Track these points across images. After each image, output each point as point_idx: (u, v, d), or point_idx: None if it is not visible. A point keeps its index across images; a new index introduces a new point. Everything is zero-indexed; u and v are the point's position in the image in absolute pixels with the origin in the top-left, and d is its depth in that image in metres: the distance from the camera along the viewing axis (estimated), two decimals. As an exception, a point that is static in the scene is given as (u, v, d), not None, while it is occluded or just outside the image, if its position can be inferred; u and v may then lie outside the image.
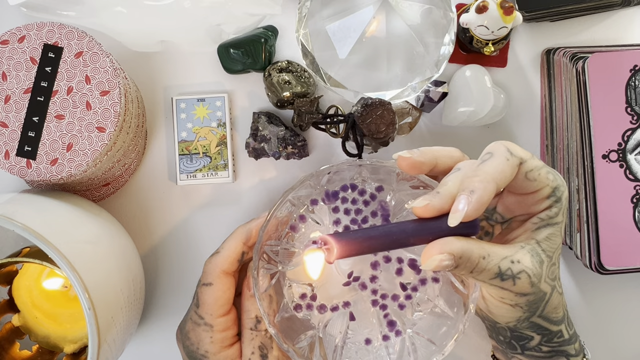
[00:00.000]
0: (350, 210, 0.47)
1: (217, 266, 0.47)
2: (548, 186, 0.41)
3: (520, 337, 0.45)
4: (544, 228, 0.41)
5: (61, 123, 0.48)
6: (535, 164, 0.40)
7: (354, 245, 0.38)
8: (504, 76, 0.59)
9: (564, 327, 0.44)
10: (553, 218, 0.41)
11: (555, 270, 0.42)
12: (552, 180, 0.41)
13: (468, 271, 0.38)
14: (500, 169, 0.38)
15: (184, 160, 0.57)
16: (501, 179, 0.38)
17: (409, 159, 0.41)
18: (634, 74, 0.52)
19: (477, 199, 0.37)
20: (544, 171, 0.41)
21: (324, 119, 0.54)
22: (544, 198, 0.41)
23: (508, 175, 0.39)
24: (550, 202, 0.41)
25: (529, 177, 0.40)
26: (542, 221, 0.41)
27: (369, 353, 0.47)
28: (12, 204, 0.46)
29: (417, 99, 0.57)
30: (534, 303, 0.41)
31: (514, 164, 0.39)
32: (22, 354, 0.55)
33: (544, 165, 0.41)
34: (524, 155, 0.40)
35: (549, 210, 0.41)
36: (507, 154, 0.39)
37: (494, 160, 0.39)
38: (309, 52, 0.53)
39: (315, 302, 0.47)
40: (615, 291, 0.59)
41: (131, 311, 0.50)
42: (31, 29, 0.49)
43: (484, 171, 0.38)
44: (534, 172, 0.40)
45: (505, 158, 0.39)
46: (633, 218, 0.52)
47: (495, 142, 0.41)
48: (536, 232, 0.41)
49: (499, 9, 0.51)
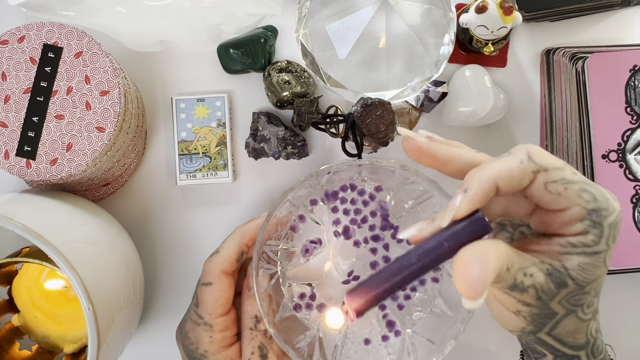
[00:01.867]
0: (350, 210, 0.47)
1: (217, 266, 0.47)
2: (580, 206, 0.35)
3: (532, 350, 0.41)
4: (576, 256, 0.35)
5: (61, 123, 0.48)
6: (562, 176, 0.35)
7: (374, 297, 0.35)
8: (504, 76, 0.59)
9: (583, 354, 0.40)
10: (590, 247, 0.35)
11: (583, 298, 0.36)
12: (588, 201, 0.35)
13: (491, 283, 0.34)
14: (507, 168, 0.34)
15: (183, 160, 0.57)
16: (505, 179, 0.34)
17: (411, 142, 0.37)
18: (633, 74, 0.52)
19: (469, 197, 0.34)
20: (576, 187, 0.35)
21: (324, 119, 0.54)
22: (575, 220, 0.35)
23: (516, 178, 0.35)
24: (584, 226, 0.35)
25: (550, 189, 0.35)
26: (574, 247, 0.35)
27: (369, 353, 0.47)
28: (12, 204, 0.46)
29: (417, 99, 0.56)
30: (538, 317, 0.37)
31: (527, 169, 0.35)
32: (21, 354, 0.55)
33: (580, 181, 0.35)
34: (548, 164, 0.35)
35: (584, 237, 0.35)
36: (524, 156, 0.35)
37: (505, 160, 0.35)
38: (309, 52, 0.53)
39: (315, 302, 0.47)
40: (615, 291, 0.59)
41: (131, 311, 0.50)
42: (31, 29, 0.49)
43: (487, 167, 0.35)
44: (558, 184, 0.35)
45: (519, 160, 0.35)
46: (633, 218, 0.52)
47: (521, 145, 0.36)
48: (565, 257, 0.35)
49: (498, 9, 0.51)
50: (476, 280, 0.32)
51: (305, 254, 0.47)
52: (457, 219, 0.34)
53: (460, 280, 0.33)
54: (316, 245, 0.47)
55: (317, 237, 0.47)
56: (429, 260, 0.35)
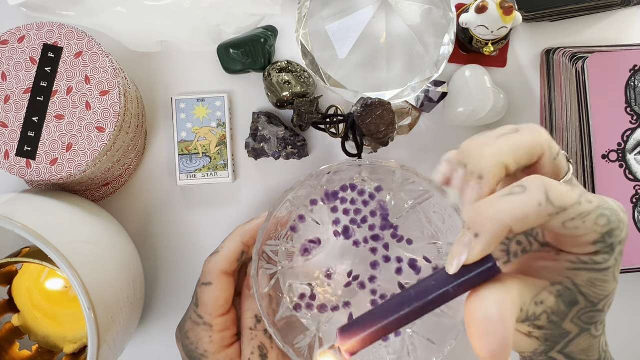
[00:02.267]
0: (350, 210, 0.47)
1: (217, 266, 0.47)
2: (595, 232, 0.33)
3: None
4: (586, 272, 0.34)
5: (61, 123, 0.48)
6: (582, 211, 0.32)
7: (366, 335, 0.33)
8: (504, 76, 0.59)
9: None
10: (600, 264, 0.33)
11: (595, 316, 0.35)
12: (604, 225, 0.33)
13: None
14: (524, 212, 0.31)
15: (183, 160, 0.57)
16: (520, 225, 0.31)
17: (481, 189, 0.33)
18: (633, 74, 0.52)
19: (483, 245, 0.31)
20: (593, 217, 0.32)
21: (324, 119, 0.54)
22: (589, 244, 0.33)
23: (531, 222, 0.31)
24: (597, 248, 0.33)
25: (568, 226, 0.32)
26: (585, 264, 0.34)
27: (369, 353, 0.47)
28: (12, 204, 0.46)
29: (417, 99, 0.57)
30: (551, 337, 0.35)
31: (545, 212, 0.31)
32: (21, 354, 0.55)
33: (595, 208, 0.32)
34: (567, 203, 0.31)
35: (595, 256, 0.33)
36: (542, 197, 0.31)
37: (520, 200, 0.31)
38: (309, 52, 0.53)
39: (315, 302, 0.47)
40: (616, 291, 0.59)
41: (131, 311, 0.50)
42: (31, 29, 0.49)
43: (501, 210, 0.31)
44: (576, 221, 0.32)
45: (537, 203, 0.31)
46: (633, 218, 0.52)
47: (535, 177, 0.32)
48: (574, 273, 0.34)
49: (498, 9, 0.51)
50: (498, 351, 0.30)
51: (305, 254, 0.47)
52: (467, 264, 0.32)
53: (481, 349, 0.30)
54: (315, 245, 0.47)
55: (317, 237, 0.47)
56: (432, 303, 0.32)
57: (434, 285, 0.32)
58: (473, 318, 0.31)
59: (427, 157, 0.59)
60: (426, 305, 0.32)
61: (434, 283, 0.32)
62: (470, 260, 0.31)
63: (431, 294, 0.32)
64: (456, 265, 0.32)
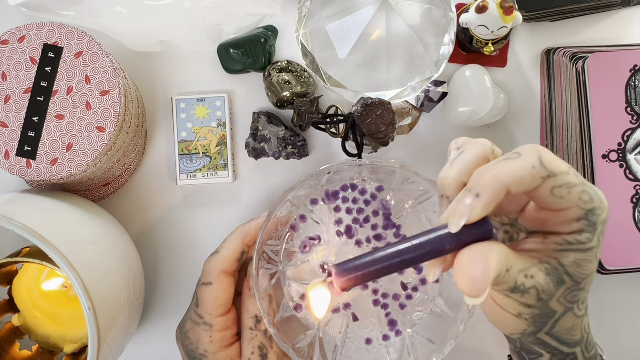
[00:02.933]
0: (352, 210, 0.47)
1: (217, 266, 0.47)
2: (578, 207, 0.35)
3: (529, 351, 0.42)
4: (572, 253, 0.36)
5: (61, 123, 0.48)
6: (567, 181, 0.35)
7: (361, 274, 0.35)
8: (504, 76, 0.59)
9: (579, 351, 0.41)
10: (584, 244, 0.36)
11: (579, 294, 0.37)
12: (587, 202, 0.35)
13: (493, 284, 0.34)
14: (520, 175, 0.34)
15: (184, 160, 0.57)
16: (516, 185, 0.34)
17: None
18: (634, 74, 0.52)
19: (482, 205, 0.33)
20: (577, 190, 0.35)
21: (324, 119, 0.54)
22: (573, 220, 0.36)
23: (526, 184, 0.34)
24: (581, 225, 0.36)
25: (555, 194, 0.35)
26: (571, 245, 0.36)
27: (369, 353, 0.47)
28: (12, 204, 0.46)
29: (417, 99, 0.57)
30: (539, 317, 0.37)
31: (539, 175, 0.34)
32: (22, 354, 0.55)
33: (580, 184, 0.35)
34: (557, 169, 0.35)
35: (579, 235, 0.36)
36: (537, 161, 0.34)
37: (516, 163, 0.34)
38: (309, 52, 0.53)
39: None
40: (615, 291, 0.59)
41: (131, 311, 0.49)
42: (31, 29, 0.49)
43: (499, 172, 0.34)
44: (563, 189, 0.35)
45: (532, 165, 0.34)
46: (633, 218, 0.52)
47: (530, 145, 0.35)
48: (561, 254, 0.36)
49: (499, 9, 0.51)
50: (479, 279, 0.33)
51: (304, 250, 0.47)
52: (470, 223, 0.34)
53: (463, 279, 0.33)
54: (314, 242, 0.47)
55: (317, 234, 0.47)
56: (427, 255, 0.35)
57: (432, 240, 0.34)
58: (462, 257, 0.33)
59: (427, 157, 0.59)
60: (422, 256, 0.34)
61: (433, 237, 0.34)
62: (472, 219, 0.33)
63: (429, 247, 0.34)
64: (457, 225, 0.34)
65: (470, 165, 0.36)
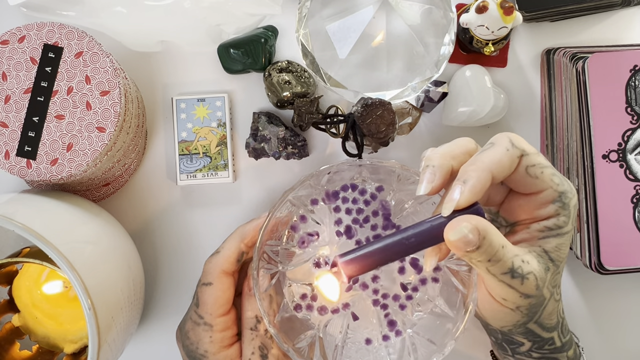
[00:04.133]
0: (352, 210, 0.47)
1: (217, 266, 0.47)
2: (552, 189, 0.39)
3: (510, 341, 0.44)
4: (553, 238, 0.39)
5: (61, 123, 0.48)
6: (539, 161, 0.39)
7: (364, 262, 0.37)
8: (504, 76, 0.59)
9: (556, 335, 0.44)
10: (562, 228, 0.39)
11: (558, 278, 0.40)
12: (558, 184, 0.39)
13: (488, 256, 0.37)
14: (498, 158, 0.38)
15: (184, 160, 0.57)
16: (498, 168, 0.37)
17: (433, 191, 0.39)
18: (634, 74, 0.52)
19: (469, 188, 0.36)
20: (549, 171, 0.39)
21: (324, 119, 0.54)
22: (549, 202, 0.39)
23: (506, 166, 0.38)
24: (556, 207, 0.39)
25: (530, 173, 0.39)
26: (551, 231, 0.39)
27: (369, 353, 0.47)
28: (12, 204, 0.46)
29: (417, 99, 0.57)
30: (534, 307, 0.40)
31: (514, 155, 0.38)
32: (22, 354, 0.55)
33: (550, 166, 0.40)
34: (527, 149, 0.39)
35: (556, 219, 0.39)
36: (509, 144, 0.38)
37: (492, 150, 0.38)
38: (309, 52, 0.53)
39: (316, 303, 0.47)
40: (615, 291, 0.59)
41: (131, 311, 0.49)
42: (31, 29, 0.49)
43: (480, 160, 0.38)
44: (537, 168, 0.39)
45: (505, 148, 0.38)
46: (633, 218, 0.52)
47: (499, 134, 0.40)
48: (544, 241, 0.39)
49: (499, 9, 0.51)
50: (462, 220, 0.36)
51: (302, 246, 0.47)
52: (459, 209, 0.37)
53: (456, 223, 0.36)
54: (313, 238, 0.47)
55: (315, 230, 0.47)
56: (426, 242, 0.37)
57: (428, 227, 0.37)
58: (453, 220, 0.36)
59: (427, 157, 0.59)
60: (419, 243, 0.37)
61: (429, 224, 0.37)
62: (462, 203, 0.37)
63: (425, 233, 0.37)
64: (449, 207, 0.37)
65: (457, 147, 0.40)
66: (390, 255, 0.37)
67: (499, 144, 0.38)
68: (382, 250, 0.37)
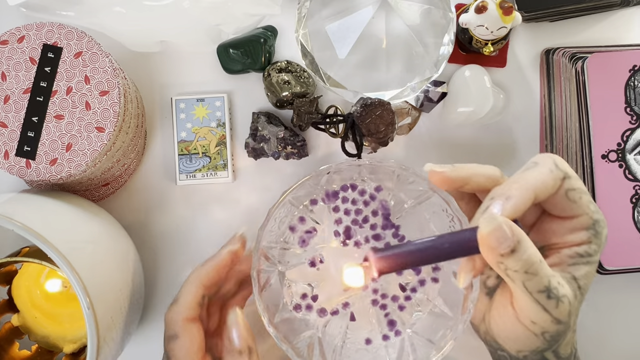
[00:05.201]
0: (351, 210, 0.47)
1: (179, 315, 0.45)
2: (588, 216, 0.38)
3: None
4: (583, 265, 0.38)
5: (60, 123, 0.48)
6: (579, 186, 0.38)
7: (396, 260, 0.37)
8: (504, 76, 0.59)
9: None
10: (592, 256, 0.38)
11: (579, 307, 0.39)
12: (594, 212, 0.39)
13: (525, 266, 0.35)
14: (542, 179, 0.37)
15: (183, 160, 0.57)
16: (541, 188, 0.37)
17: (440, 174, 0.39)
18: (633, 74, 0.52)
19: (512, 205, 0.36)
20: (586, 198, 0.38)
21: (324, 119, 0.54)
22: (583, 228, 0.38)
23: (549, 187, 0.37)
24: (589, 235, 0.38)
25: (570, 197, 0.38)
26: (582, 258, 0.38)
27: (369, 353, 0.47)
28: (12, 204, 0.46)
29: (417, 99, 0.57)
30: (558, 335, 0.38)
31: (558, 177, 0.37)
32: (21, 353, 0.55)
33: (587, 193, 0.39)
34: (570, 171, 0.38)
35: (588, 246, 0.38)
36: (553, 165, 0.38)
37: (537, 170, 0.37)
38: (309, 52, 0.53)
39: (316, 304, 0.47)
40: (615, 291, 0.59)
41: (131, 311, 0.49)
42: (31, 29, 0.49)
43: (524, 178, 0.37)
44: (576, 192, 0.38)
45: (549, 169, 0.37)
46: (632, 218, 0.52)
47: (543, 154, 0.39)
48: (574, 268, 0.38)
49: (498, 9, 0.51)
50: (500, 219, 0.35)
51: (302, 245, 0.47)
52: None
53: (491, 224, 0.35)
54: (311, 234, 0.47)
55: (311, 226, 0.47)
56: (459, 250, 0.36)
57: (463, 236, 0.36)
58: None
59: (426, 157, 0.59)
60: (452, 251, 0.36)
61: (465, 233, 0.36)
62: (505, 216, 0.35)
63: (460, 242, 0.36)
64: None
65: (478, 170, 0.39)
66: (423, 259, 0.37)
67: (542, 165, 0.38)
68: (415, 252, 0.37)
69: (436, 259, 0.37)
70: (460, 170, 0.39)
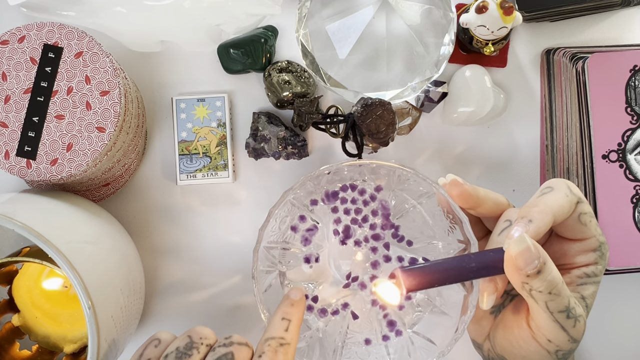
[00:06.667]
0: (350, 210, 0.47)
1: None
2: (596, 238, 0.41)
3: None
4: (590, 285, 0.40)
5: (61, 123, 0.48)
6: (589, 209, 0.40)
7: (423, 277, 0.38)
8: (504, 76, 0.59)
9: None
10: (598, 276, 0.41)
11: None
12: (600, 235, 0.41)
13: (550, 287, 0.37)
14: (560, 203, 0.39)
15: (183, 161, 0.57)
16: (559, 212, 0.38)
17: (461, 187, 0.41)
18: (633, 74, 0.52)
19: (534, 228, 0.37)
20: (594, 221, 0.41)
21: (324, 119, 0.54)
22: (591, 250, 0.41)
23: (566, 210, 0.39)
24: (596, 256, 0.41)
25: (582, 220, 0.40)
26: (589, 278, 0.40)
27: (369, 353, 0.47)
28: (12, 204, 0.46)
29: (417, 99, 0.57)
30: (568, 354, 0.40)
31: (573, 201, 0.39)
32: (22, 353, 0.55)
33: (594, 216, 0.41)
34: (582, 196, 0.40)
35: (595, 267, 0.41)
36: (567, 190, 0.39)
37: (554, 194, 0.39)
38: (309, 52, 0.53)
39: (317, 305, 0.47)
40: (615, 291, 0.59)
41: (131, 311, 0.50)
42: (31, 29, 0.49)
43: (544, 202, 0.38)
44: (587, 216, 0.40)
45: (565, 194, 0.39)
46: (633, 218, 0.52)
47: (555, 179, 0.41)
48: (582, 288, 0.40)
49: (498, 9, 0.51)
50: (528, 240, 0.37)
51: (305, 243, 0.47)
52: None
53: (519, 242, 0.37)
54: (313, 232, 0.47)
55: (312, 224, 0.47)
56: (484, 270, 0.38)
57: (490, 257, 0.37)
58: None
59: (427, 157, 0.59)
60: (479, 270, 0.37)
61: (490, 254, 0.38)
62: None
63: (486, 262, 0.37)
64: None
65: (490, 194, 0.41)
66: (449, 277, 0.38)
67: (558, 189, 0.39)
68: (442, 270, 0.38)
69: (461, 278, 0.38)
70: (478, 191, 0.41)
